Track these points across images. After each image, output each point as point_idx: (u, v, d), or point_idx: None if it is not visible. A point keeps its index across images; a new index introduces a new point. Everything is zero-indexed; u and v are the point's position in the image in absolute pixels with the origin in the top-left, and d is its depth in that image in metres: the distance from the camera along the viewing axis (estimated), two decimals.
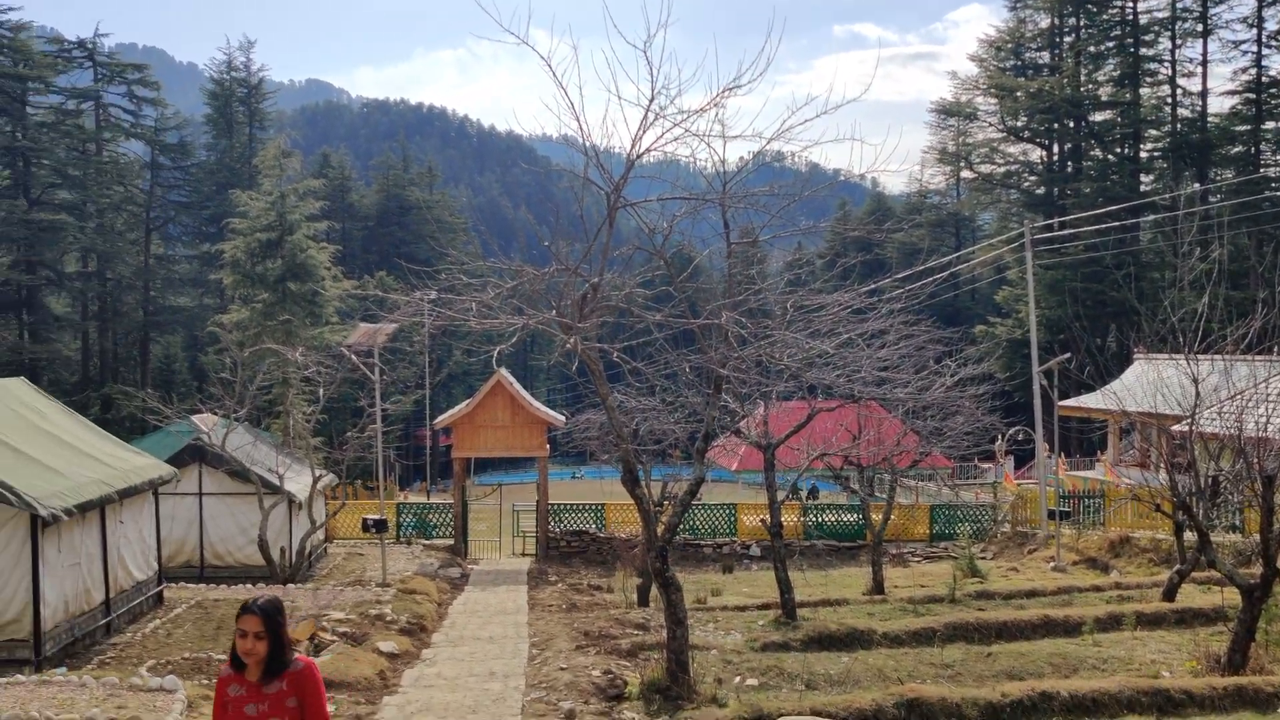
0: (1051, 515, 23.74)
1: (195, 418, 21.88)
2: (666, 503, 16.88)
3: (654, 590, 16.54)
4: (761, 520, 17.05)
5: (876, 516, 19.43)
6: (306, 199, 38.59)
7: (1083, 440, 41.70)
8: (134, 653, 13.43)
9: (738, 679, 11.24)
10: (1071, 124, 59.92)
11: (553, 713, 9.98)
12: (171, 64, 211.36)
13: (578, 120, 9.00)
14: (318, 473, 22.01)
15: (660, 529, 10.66)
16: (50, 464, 13.71)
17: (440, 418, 27.02)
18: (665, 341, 10.77)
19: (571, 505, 27.35)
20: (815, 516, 27.24)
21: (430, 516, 27.79)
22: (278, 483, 20.24)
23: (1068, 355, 21.76)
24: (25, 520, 12.21)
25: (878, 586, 17.98)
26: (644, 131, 9.16)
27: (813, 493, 32.99)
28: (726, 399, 12.67)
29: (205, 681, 11.73)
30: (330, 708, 10.33)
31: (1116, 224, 41.21)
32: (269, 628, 4.82)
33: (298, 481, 21.28)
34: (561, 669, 11.83)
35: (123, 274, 58.57)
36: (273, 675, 4.85)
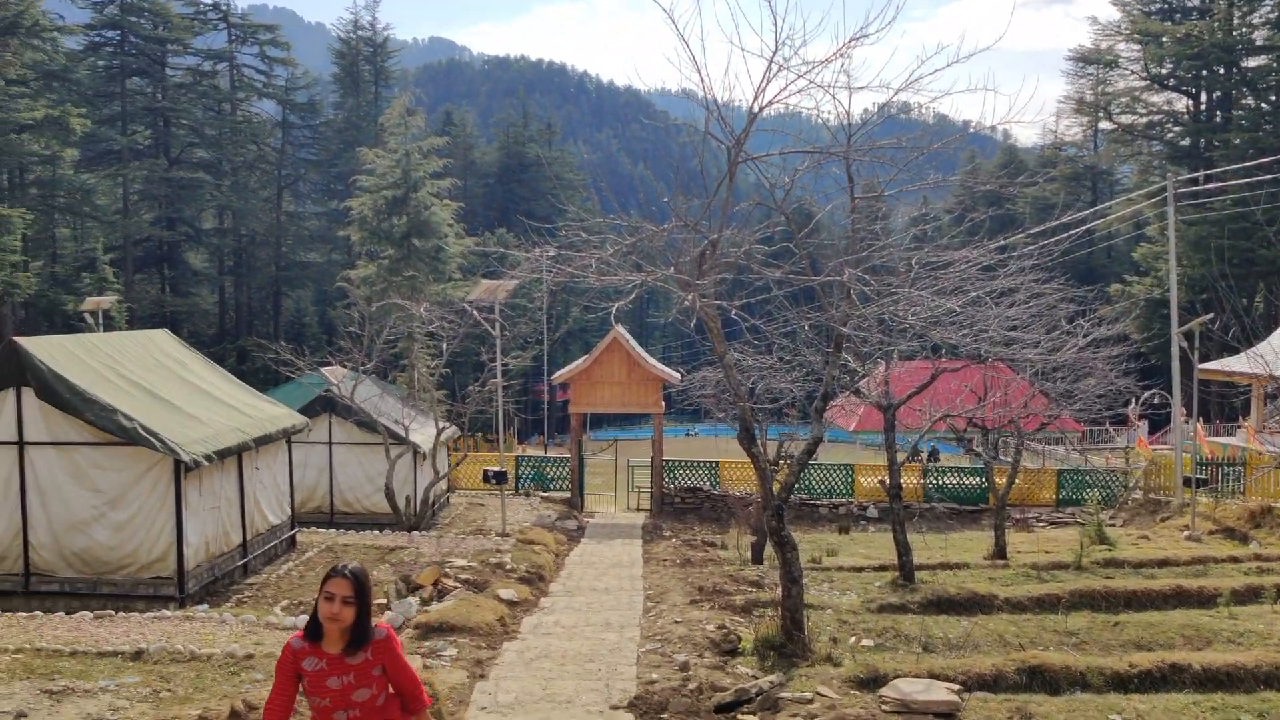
0: (1187, 482, 22.73)
1: (325, 370, 22.66)
2: (782, 462, 16.76)
3: (768, 548, 16.49)
4: (880, 481, 16.78)
5: (1000, 480, 18.90)
6: (430, 157, 39.28)
7: (1224, 405, 39.75)
8: (269, 593, 14.06)
9: (853, 639, 11.13)
10: (1222, 70, 56.42)
11: (667, 664, 10.06)
12: (301, 24, 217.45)
13: (699, 73, 8.85)
14: (441, 425, 22.57)
15: (776, 487, 10.58)
16: (192, 412, 14.38)
17: (558, 373, 27.35)
18: (785, 299, 10.61)
19: (686, 462, 27.43)
20: (936, 479, 26.71)
21: (548, 470, 28.26)
22: (403, 434, 20.83)
23: (1210, 316, 20.66)
24: (169, 465, 12.86)
25: (1000, 551, 17.54)
26: (767, 84, 8.96)
27: (933, 455, 32.33)
28: (847, 358, 12.44)
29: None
30: (452, 650, 10.67)
31: (1268, 177, 38.80)
32: (358, 593, 4.56)
33: (422, 433, 21.88)
34: (676, 622, 11.92)
35: (256, 230, 60.90)
36: (357, 646, 4.58)
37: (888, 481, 14.93)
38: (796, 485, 11.32)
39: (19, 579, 13.02)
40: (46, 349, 13.37)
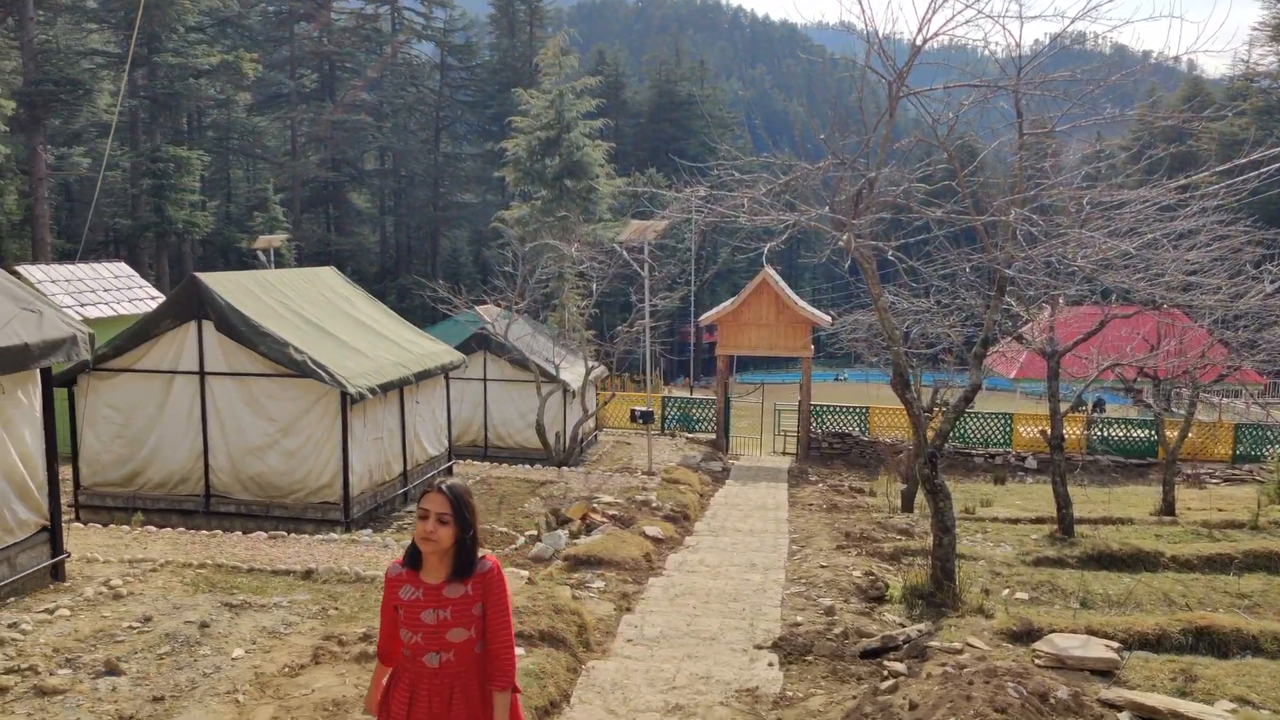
0: None
1: (480, 308, 23.26)
2: (937, 409, 16.33)
3: (919, 497, 16.17)
4: (1040, 431, 16.15)
5: (1171, 433, 17.92)
6: (583, 97, 39.38)
7: None
8: None
9: (1006, 591, 10.83)
10: None
11: (812, 607, 10.02)
12: None
13: (860, 4, 8.52)
14: (589, 364, 22.89)
15: (930, 435, 10.30)
16: (357, 347, 14.98)
17: (705, 315, 27.30)
18: (944, 239, 10.23)
19: (834, 407, 27.08)
20: (1101, 430, 25.58)
21: (694, 411, 28.38)
22: (554, 372, 21.25)
23: None
24: (337, 397, 13.46)
25: (1168, 507, 16.71)
26: (932, 14, 8.55)
27: (1099, 405, 30.96)
28: (1010, 302, 11.95)
29: (489, 550, 12.63)
30: (599, 583, 10.90)
31: None
32: (456, 513, 4.09)
33: (572, 371, 22.26)
34: (822, 566, 11.84)
35: (415, 171, 62.66)
36: (459, 577, 4.15)
37: (1049, 432, 14.37)
38: (951, 433, 10.98)
39: (200, 499, 13.93)
40: (224, 284, 14.12)
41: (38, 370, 8.91)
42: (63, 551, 9.36)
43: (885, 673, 7.61)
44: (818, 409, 26.46)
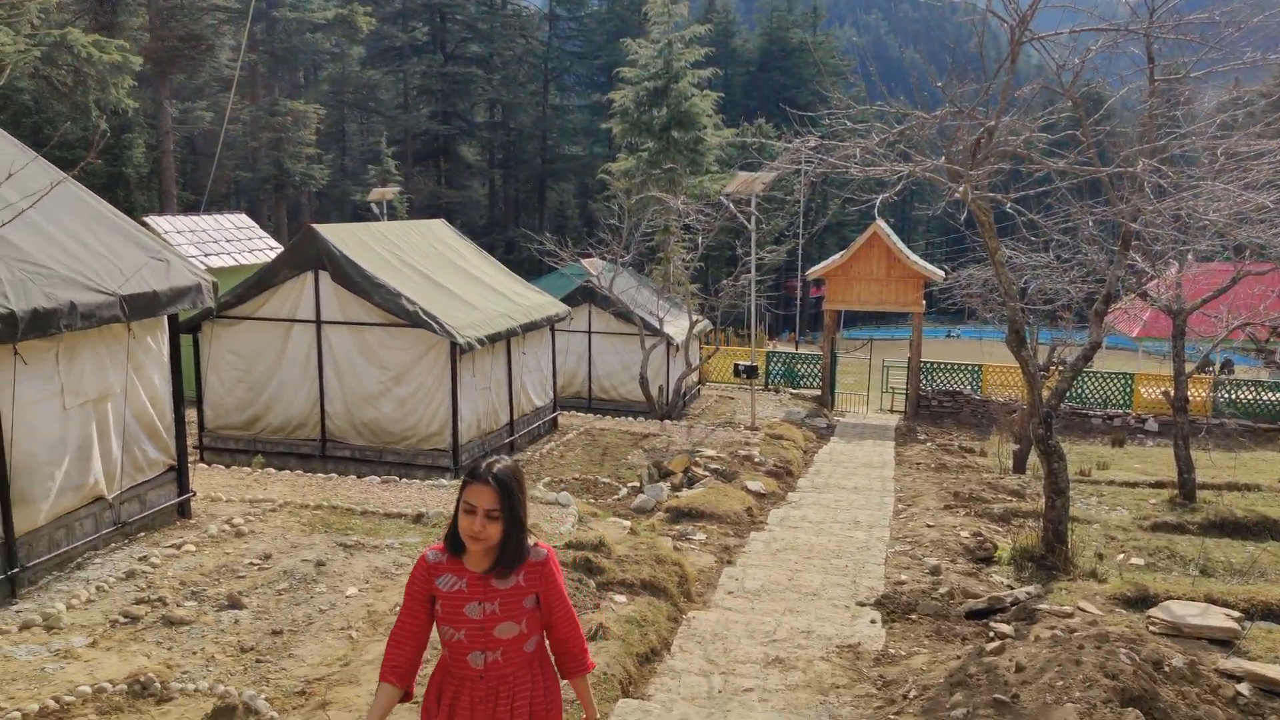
0: None
1: (585, 261, 23.37)
2: (1053, 367, 15.82)
3: (1032, 458, 15.74)
4: (1163, 393, 15.53)
5: None
6: (691, 46, 38.87)
7: None
8: (532, 470, 14.90)
9: (1120, 556, 10.51)
10: None
11: (917, 566, 9.89)
12: None
13: None
14: (694, 318, 22.84)
15: (1045, 394, 9.99)
16: (466, 298, 15.23)
17: (812, 269, 26.91)
18: (1067, 192, 9.82)
19: (945, 364, 26.49)
20: (1228, 392, 24.47)
21: (798, 366, 28.11)
22: (658, 325, 21.27)
23: None
24: (446, 347, 13.73)
25: None
26: None
27: (1227, 366, 29.61)
28: (1134, 257, 11.43)
29: (592, 500, 12.80)
30: (700, 535, 10.95)
31: None
32: (505, 505, 3.54)
33: (675, 325, 22.24)
34: (928, 525, 11.66)
35: (523, 124, 63.00)
36: (509, 567, 3.64)
37: (1172, 393, 13.80)
38: (1068, 393, 10.63)
39: (317, 444, 14.42)
40: (339, 236, 14.47)
41: (165, 317, 9.29)
42: (188, 490, 9.80)
43: (991, 634, 7.48)
44: (928, 366, 25.91)
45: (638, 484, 13.97)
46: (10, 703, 5.91)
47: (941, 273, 24.32)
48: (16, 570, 7.60)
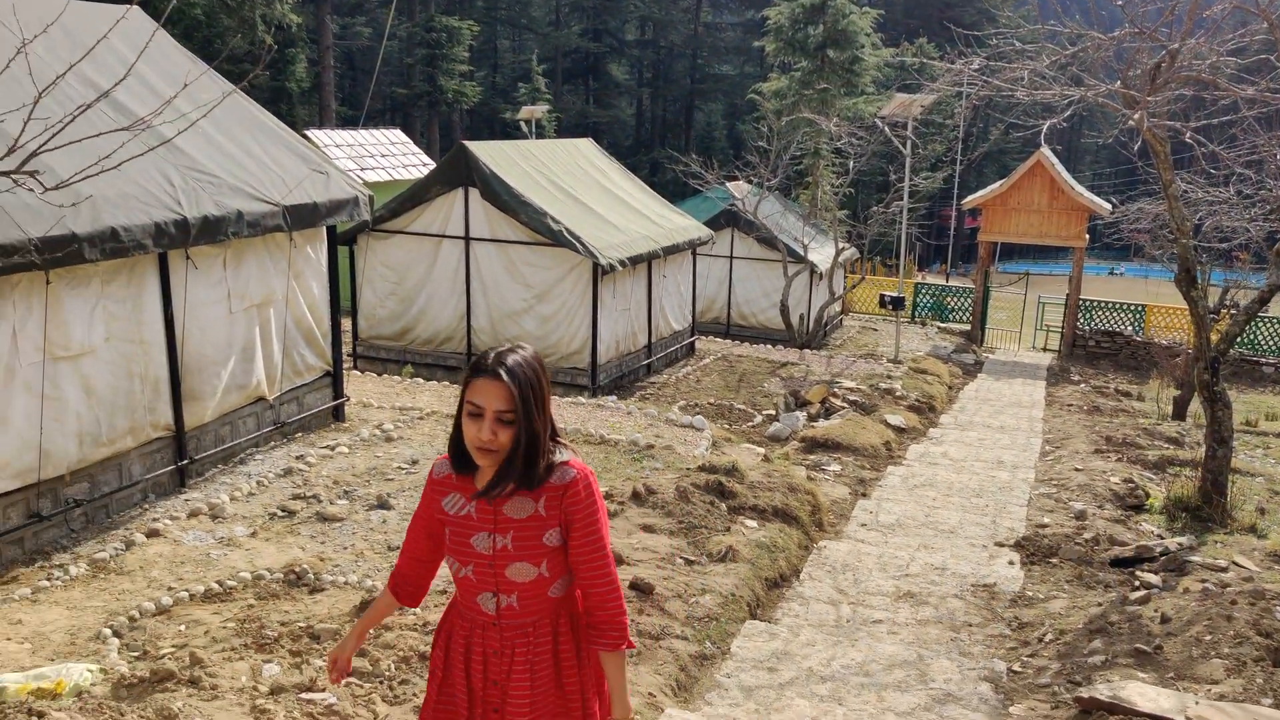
0: None
1: (730, 184, 23.07)
2: (1225, 310, 14.89)
3: (1194, 405, 14.96)
4: None
5: None
6: None
7: None
8: (668, 392, 15.01)
9: None
10: None
11: (1061, 509, 9.59)
12: None
13: None
14: (840, 245, 22.37)
15: (1214, 338, 9.42)
16: (609, 219, 15.29)
17: (969, 198, 25.91)
18: (1255, 122, 9.10)
19: (1106, 303, 25.28)
20: None
21: (948, 300, 27.29)
22: (802, 252, 20.93)
23: None
24: (589, 267, 13.85)
25: None
26: None
27: None
28: None
29: (726, 426, 12.83)
30: (835, 466, 10.84)
31: None
32: (523, 405, 2.71)
33: (820, 252, 21.85)
34: (1076, 469, 11.26)
35: (674, 42, 62.22)
36: (525, 488, 2.81)
37: None
38: (1239, 338, 10.00)
39: (463, 357, 14.85)
40: (489, 153, 14.67)
41: (324, 228, 9.64)
42: (342, 395, 10.26)
43: (1136, 583, 7.20)
44: (1087, 304, 24.78)
45: (773, 412, 13.91)
46: (179, 583, 6.39)
47: (1108, 206, 23.04)
48: (186, 462, 8.14)
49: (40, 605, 6.08)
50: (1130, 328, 24.51)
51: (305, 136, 19.86)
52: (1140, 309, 24.73)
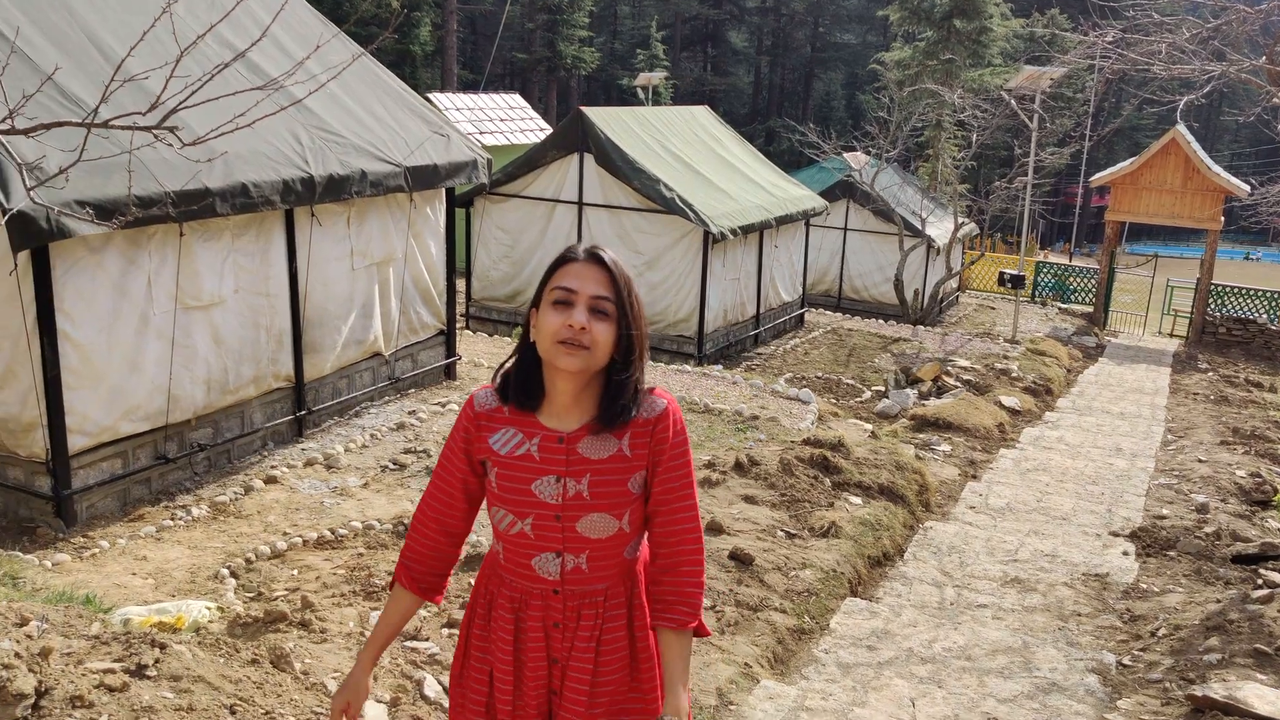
0: None
1: (847, 155, 22.66)
2: None
3: None
4: None
5: None
6: None
7: None
8: (774, 364, 14.91)
9: None
10: None
11: (1181, 501, 9.24)
12: None
13: None
14: (959, 220, 21.81)
15: None
16: (722, 187, 15.20)
17: (1097, 175, 24.91)
18: None
19: (1240, 289, 24.08)
20: None
21: (1071, 280, 26.37)
22: (919, 226, 20.48)
23: None
24: (700, 235, 13.82)
25: None
26: None
27: None
28: None
29: (834, 400, 12.70)
30: (945, 446, 10.63)
31: None
32: (621, 299, 2.27)
33: (938, 227, 21.34)
34: (1199, 461, 10.82)
35: (795, 9, 61.18)
36: (609, 424, 2.31)
37: None
38: None
39: None
40: (605, 119, 14.72)
41: (443, 190, 9.83)
42: (455, 354, 10.49)
43: (1259, 581, 6.90)
44: (1219, 289, 23.65)
45: (882, 388, 13.71)
46: (294, 529, 6.65)
47: (1246, 187, 21.89)
48: (304, 413, 8.45)
49: (164, 544, 6.41)
50: (1265, 315, 23.31)
51: (427, 99, 20.22)
52: (1276, 296, 23.50)
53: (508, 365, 2.43)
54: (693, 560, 2.42)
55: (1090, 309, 24.61)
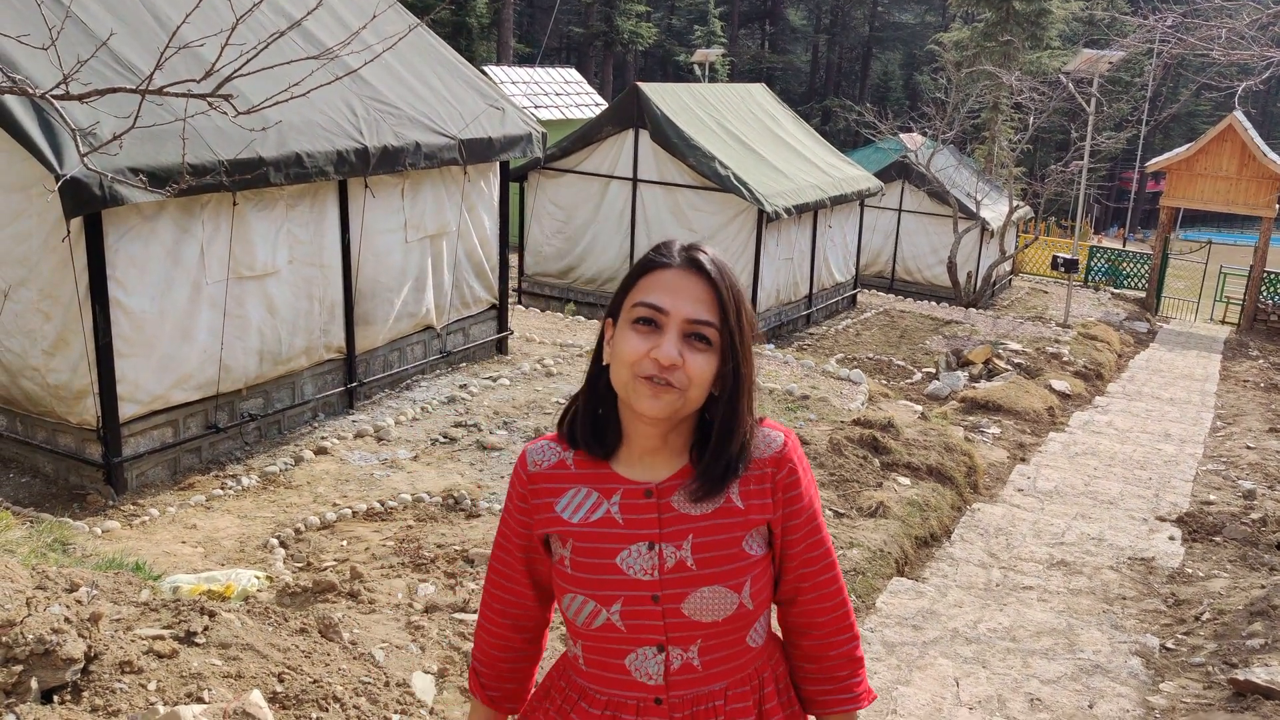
0: None
1: (904, 136, 22.45)
2: None
3: None
4: None
5: None
6: None
7: None
8: (826, 345, 14.88)
9: None
10: None
11: (1229, 488, 9.15)
12: None
13: None
14: (1014, 203, 21.54)
15: None
16: (777, 166, 15.16)
17: (1153, 161, 24.43)
18: None
19: None
20: None
21: (1124, 265, 25.93)
22: (974, 208, 20.26)
23: None
24: (754, 214, 13.81)
25: None
26: None
27: None
28: None
29: (884, 381, 12.67)
30: (995, 429, 10.58)
31: None
32: (727, 322, 1.70)
33: (993, 210, 21.10)
34: (1248, 447, 10.70)
35: None
36: (718, 475, 1.75)
37: None
38: None
39: None
40: (661, 95, 14.72)
41: (497, 164, 9.92)
42: (507, 329, 10.61)
43: None
44: (1271, 276, 23.15)
45: (933, 370, 13.65)
46: (343, 500, 6.79)
47: None
48: (355, 385, 8.58)
49: (213, 513, 6.53)
50: None
51: (483, 72, 20.32)
52: None
53: (568, 413, 1.86)
54: (845, 639, 1.89)
55: (1143, 294, 24.22)
